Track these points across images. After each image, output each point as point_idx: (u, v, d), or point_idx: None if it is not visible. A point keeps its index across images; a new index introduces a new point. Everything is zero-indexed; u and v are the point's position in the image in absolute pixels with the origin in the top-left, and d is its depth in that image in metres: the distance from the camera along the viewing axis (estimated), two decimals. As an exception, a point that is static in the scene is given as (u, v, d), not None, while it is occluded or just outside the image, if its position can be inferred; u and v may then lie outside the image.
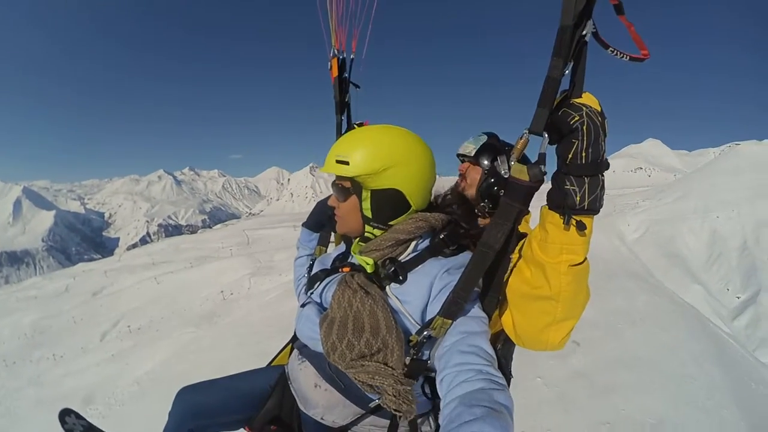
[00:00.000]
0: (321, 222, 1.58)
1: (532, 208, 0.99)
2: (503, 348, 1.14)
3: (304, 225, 1.63)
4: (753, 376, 5.32)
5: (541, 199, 0.87)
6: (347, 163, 1.03)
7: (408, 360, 0.98)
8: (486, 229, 0.89)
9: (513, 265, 0.97)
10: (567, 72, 0.73)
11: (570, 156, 0.77)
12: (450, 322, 0.92)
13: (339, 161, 1.05)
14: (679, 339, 5.95)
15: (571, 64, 0.73)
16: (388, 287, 1.04)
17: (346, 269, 1.14)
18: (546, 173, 0.82)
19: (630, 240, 18.30)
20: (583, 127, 0.75)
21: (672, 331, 6.24)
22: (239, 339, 7.43)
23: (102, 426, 1.48)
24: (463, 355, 0.86)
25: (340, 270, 1.17)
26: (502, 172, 0.87)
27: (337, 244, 1.66)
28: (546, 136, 0.77)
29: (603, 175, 0.79)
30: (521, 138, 0.81)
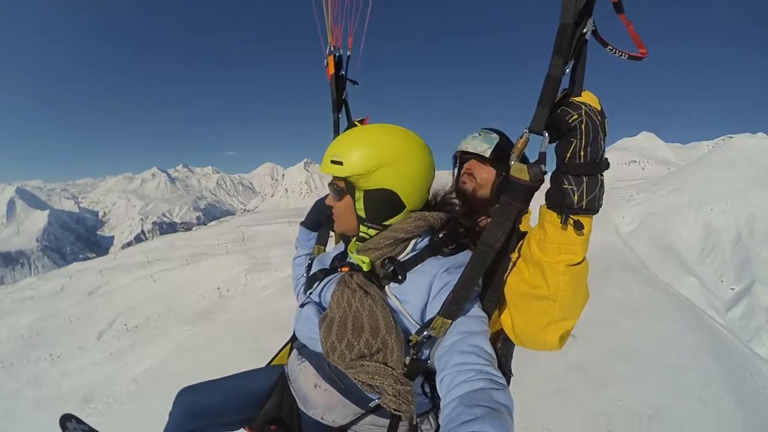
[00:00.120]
0: (319, 221, 1.57)
1: (532, 207, 0.99)
2: (503, 347, 1.14)
3: (303, 224, 1.62)
4: (748, 367, 5.40)
5: (542, 197, 0.87)
6: (341, 164, 1.04)
7: (408, 360, 0.98)
8: (486, 228, 0.89)
9: (513, 264, 0.97)
10: (567, 71, 0.72)
11: (568, 155, 0.76)
12: (450, 322, 0.92)
13: (333, 161, 1.05)
14: (675, 330, 6.02)
15: (571, 62, 0.72)
16: (387, 287, 1.04)
17: (345, 269, 1.14)
18: (546, 173, 0.81)
19: (624, 233, 18.44)
20: (582, 126, 0.74)
21: (667, 322, 6.32)
22: (236, 336, 7.44)
23: (102, 425, 1.48)
24: (462, 355, 0.86)
25: (339, 270, 1.16)
26: None
27: (336, 242, 1.66)
28: (546, 135, 0.77)
29: (602, 175, 0.78)
30: (521, 137, 0.80)
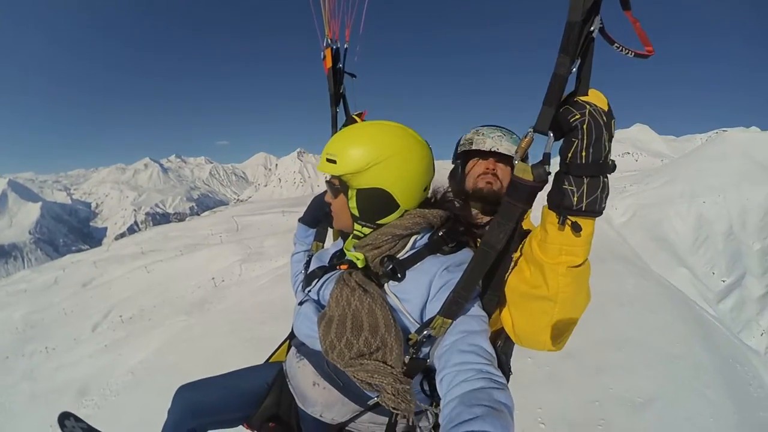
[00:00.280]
0: (317, 217, 1.56)
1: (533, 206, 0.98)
2: (504, 346, 1.15)
3: (301, 220, 1.61)
4: (738, 358, 5.51)
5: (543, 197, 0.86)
6: (335, 162, 1.04)
7: (407, 359, 0.98)
8: (488, 228, 0.88)
9: (514, 263, 0.96)
10: (574, 69, 0.71)
11: (569, 155, 0.76)
12: (450, 321, 0.92)
13: (329, 160, 1.05)
14: (667, 321, 6.11)
15: (578, 61, 0.70)
16: (386, 285, 1.03)
17: (343, 266, 1.13)
18: (550, 173, 0.80)
19: (617, 223, 18.61)
20: (583, 126, 0.73)
21: (659, 313, 6.40)
22: (232, 326, 7.43)
23: (98, 418, 1.47)
24: (462, 354, 0.85)
25: (338, 267, 1.15)
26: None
27: (334, 239, 1.64)
28: (551, 135, 0.76)
29: (606, 178, 0.77)
30: (526, 137, 0.79)
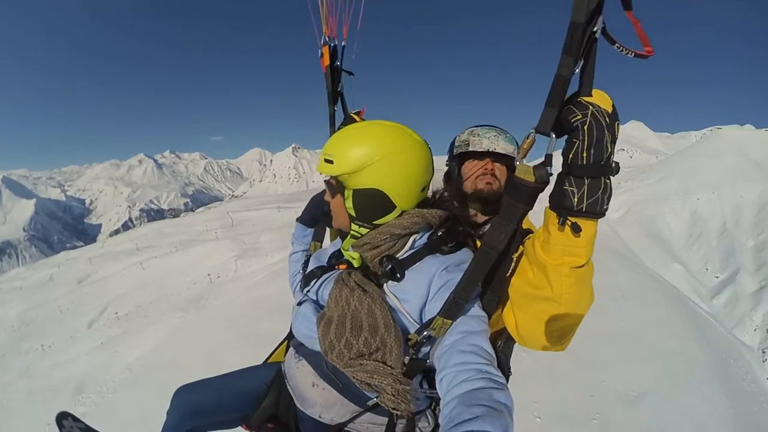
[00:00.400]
0: (315, 217, 1.55)
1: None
2: (504, 346, 1.15)
3: (299, 220, 1.60)
4: (731, 353, 5.59)
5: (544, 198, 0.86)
6: (332, 162, 1.04)
7: (407, 359, 0.98)
8: (489, 229, 0.88)
9: (514, 263, 0.96)
10: (577, 70, 0.70)
11: (571, 156, 0.75)
12: (450, 322, 0.92)
13: (326, 160, 1.05)
14: (661, 316, 6.16)
15: (581, 62, 0.70)
16: (385, 285, 1.03)
17: (342, 266, 1.13)
18: (552, 174, 0.80)
19: (611, 219, 18.70)
20: (584, 127, 0.72)
21: (654, 308, 6.45)
22: (228, 322, 7.40)
23: (96, 415, 1.46)
24: (462, 355, 0.86)
25: (337, 267, 1.15)
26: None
27: (332, 239, 1.63)
28: (553, 136, 0.75)
29: (609, 179, 0.77)
30: (528, 137, 0.78)
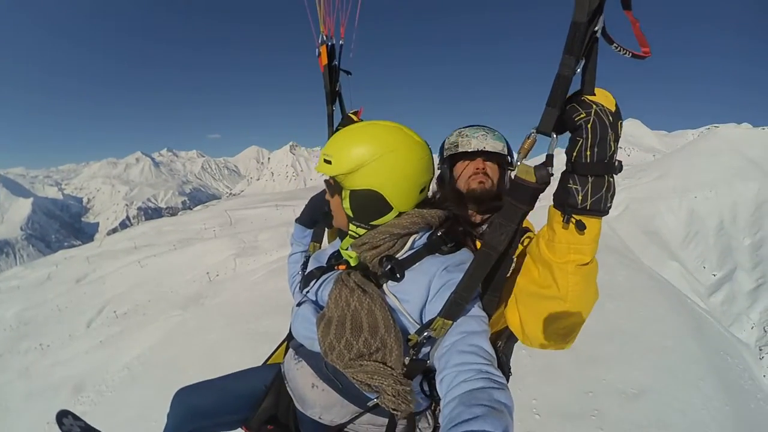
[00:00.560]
0: (314, 218, 1.55)
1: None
2: (504, 346, 1.15)
3: (298, 221, 1.59)
4: (729, 351, 5.61)
5: (545, 198, 0.86)
6: (330, 163, 1.04)
7: (407, 360, 0.98)
8: (489, 229, 0.88)
9: (515, 264, 0.96)
10: (578, 70, 0.70)
11: (574, 154, 0.75)
12: (450, 322, 0.92)
13: (325, 160, 1.06)
14: (659, 313, 6.17)
15: (582, 61, 0.70)
16: (385, 285, 1.02)
17: (342, 267, 1.12)
18: (553, 175, 0.80)
19: (609, 217, 18.74)
20: (588, 126, 0.73)
21: (651, 305, 6.46)
22: (227, 320, 7.40)
23: (95, 414, 1.46)
24: (462, 355, 0.85)
25: (336, 267, 1.15)
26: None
27: (331, 240, 1.63)
28: (554, 136, 0.75)
29: (612, 177, 0.77)
30: (529, 137, 0.78)
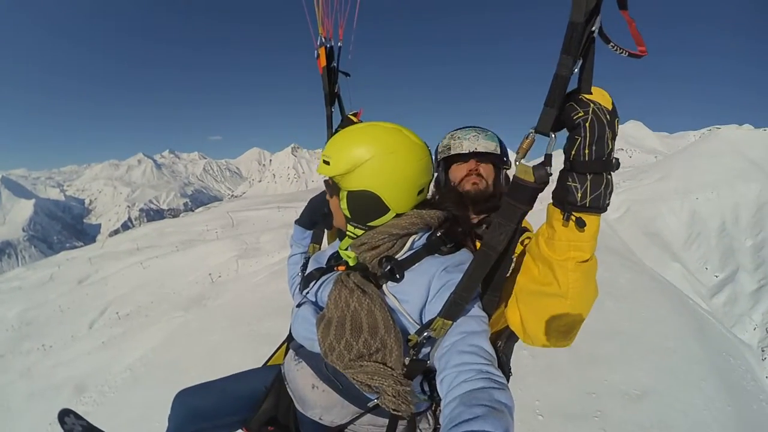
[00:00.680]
0: (314, 219, 1.55)
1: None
2: (504, 346, 1.15)
3: (297, 222, 1.60)
4: (731, 351, 5.59)
5: (545, 197, 0.86)
6: (329, 163, 1.05)
7: (407, 360, 0.98)
8: (488, 229, 0.88)
9: (515, 263, 0.96)
10: (576, 70, 0.70)
11: (573, 152, 0.76)
12: (450, 323, 0.92)
13: (324, 161, 1.07)
14: (661, 314, 6.15)
15: (580, 61, 0.70)
16: (384, 286, 1.03)
17: (341, 267, 1.12)
18: (552, 174, 0.80)
19: (610, 219, 18.69)
20: (586, 124, 0.73)
21: (654, 306, 6.44)
22: (229, 321, 7.39)
23: (98, 414, 1.47)
24: (463, 355, 0.85)
25: (336, 268, 1.15)
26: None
27: (330, 241, 1.63)
28: (553, 136, 0.76)
29: (610, 175, 0.77)
30: (527, 137, 0.78)
